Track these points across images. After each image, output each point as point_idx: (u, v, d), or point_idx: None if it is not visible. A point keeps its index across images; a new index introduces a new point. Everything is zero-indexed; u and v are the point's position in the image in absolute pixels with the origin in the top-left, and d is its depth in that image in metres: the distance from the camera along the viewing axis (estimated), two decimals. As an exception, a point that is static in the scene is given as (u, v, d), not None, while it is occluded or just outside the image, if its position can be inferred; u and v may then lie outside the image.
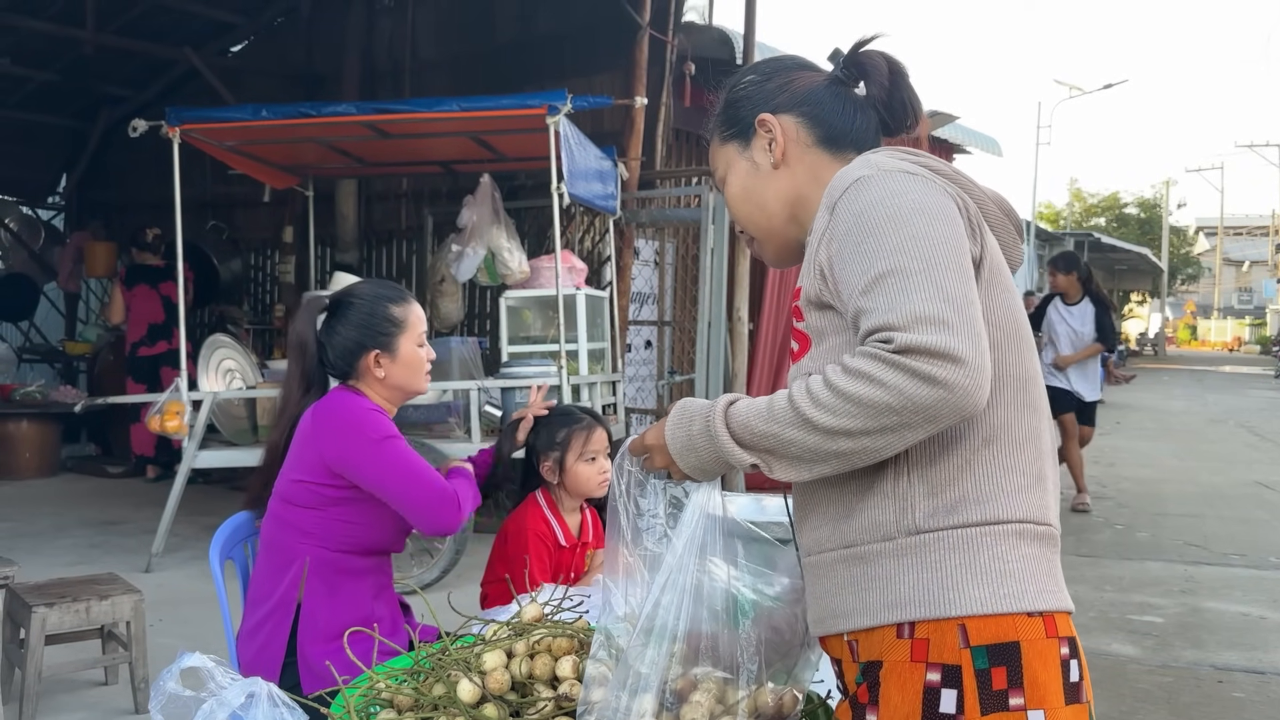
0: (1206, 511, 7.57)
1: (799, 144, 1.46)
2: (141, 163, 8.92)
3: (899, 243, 1.19)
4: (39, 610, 3.33)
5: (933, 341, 1.11)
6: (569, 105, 5.18)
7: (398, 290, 2.43)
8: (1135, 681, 4.05)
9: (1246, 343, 47.70)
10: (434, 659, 1.57)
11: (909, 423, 1.14)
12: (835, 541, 1.30)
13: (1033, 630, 1.21)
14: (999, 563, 1.22)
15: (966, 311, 1.15)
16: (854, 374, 1.15)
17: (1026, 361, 1.32)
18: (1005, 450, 1.26)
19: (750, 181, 1.49)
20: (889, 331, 1.14)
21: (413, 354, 2.37)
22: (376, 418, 2.26)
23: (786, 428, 1.19)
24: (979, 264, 1.28)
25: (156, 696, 1.51)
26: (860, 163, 1.34)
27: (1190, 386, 21.75)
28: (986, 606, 1.20)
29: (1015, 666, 1.20)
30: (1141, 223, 39.75)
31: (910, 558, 1.23)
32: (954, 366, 1.11)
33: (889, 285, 1.17)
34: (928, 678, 1.21)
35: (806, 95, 1.47)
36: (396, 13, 8.40)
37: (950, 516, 1.23)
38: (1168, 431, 13.05)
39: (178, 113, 5.50)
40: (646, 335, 8.01)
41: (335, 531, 2.27)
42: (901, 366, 1.12)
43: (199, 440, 5.45)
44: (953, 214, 1.26)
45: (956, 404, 1.13)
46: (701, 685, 1.34)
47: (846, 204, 1.27)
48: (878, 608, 1.25)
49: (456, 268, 6.26)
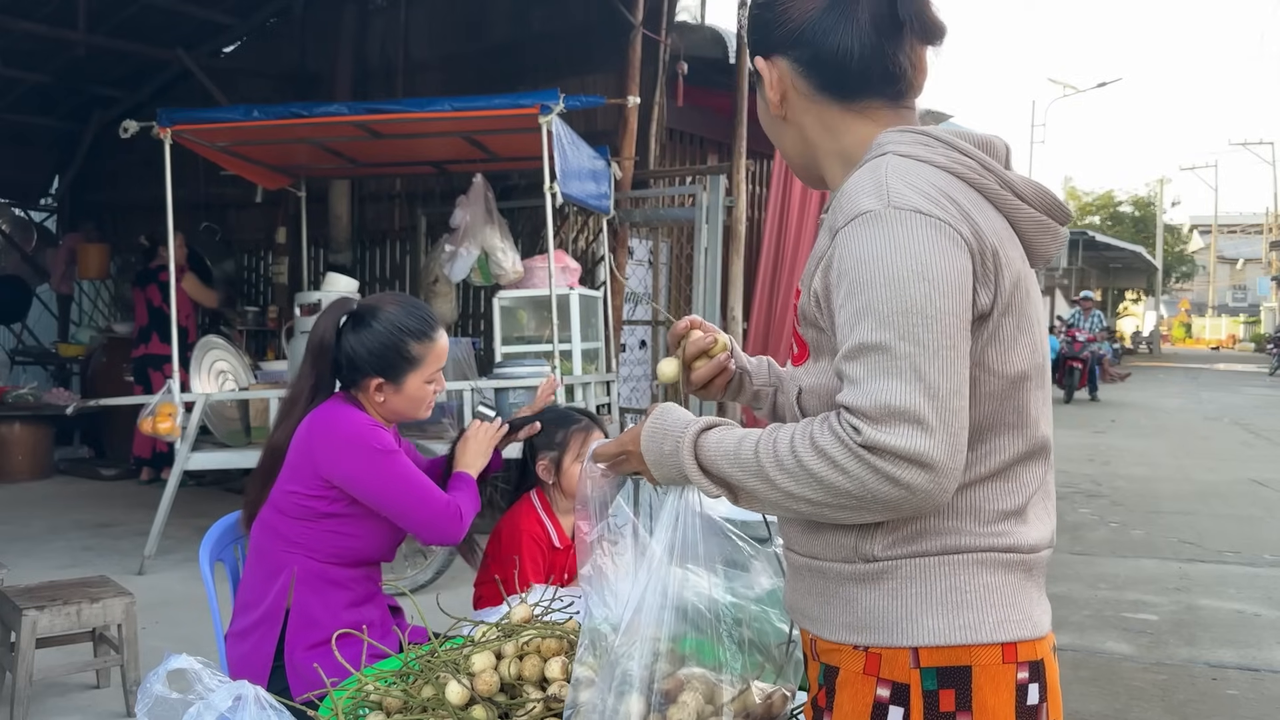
0: (1201, 509, 7.58)
1: (798, 94, 1.30)
2: (134, 164, 8.89)
3: (890, 313, 1.11)
4: (30, 613, 3.31)
5: (902, 445, 1.07)
6: (562, 105, 5.17)
7: (426, 323, 2.31)
8: (1129, 679, 4.06)
9: (1241, 340, 47.76)
10: (423, 661, 1.56)
11: (867, 508, 1.12)
12: (803, 549, 1.29)
13: (987, 656, 1.19)
14: (955, 593, 1.20)
15: (947, 406, 1.09)
16: (819, 453, 1.11)
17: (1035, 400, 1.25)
18: (982, 489, 1.22)
19: (766, 119, 1.38)
20: (860, 419, 1.09)
21: (418, 390, 2.31)
22: (374, 432, 2.24)
23: (750, 477, 1.17)
24: (988, 314, 1.18)
25: (143, 699, 1.50)
26: (872, 183, 1.18)
27: (1185, 384, 21.78)
28: (939, 638, 1.19)
29: (965, 690, 1.18)
30: (1136, 221, 39.79)
31: (870, 584, 1.22)
32: (920, 471, 1.08)
33: (871, 361, 1.11)
34: (878, 693, 1.20)
35: (803, 30, 1.26)
36: (389, 13, 8.39)
37: (909, 545, 1.21)
38: (1162, 429, 13.06)
39: (169, 114, 5.49)
40: (641, 335, 8.00)
41: (324, 543, 2.25)
42: (865, 462, 1.08)
43: (191, 442, 5.44)
44: (957, 278, 1.13)
45: (917, 504, 1.10)
46: (689, 685, 1.33)
47: (847, 241, 1.17)
48: (836, 625, 1.24)
49: (450, 268, 6.25)
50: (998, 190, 1.22)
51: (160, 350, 7.26)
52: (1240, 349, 44.65)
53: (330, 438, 2.21)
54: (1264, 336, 38.39)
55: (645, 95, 6.87)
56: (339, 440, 2.20)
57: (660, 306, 7.70)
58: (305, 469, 2.22)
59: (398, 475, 2.20)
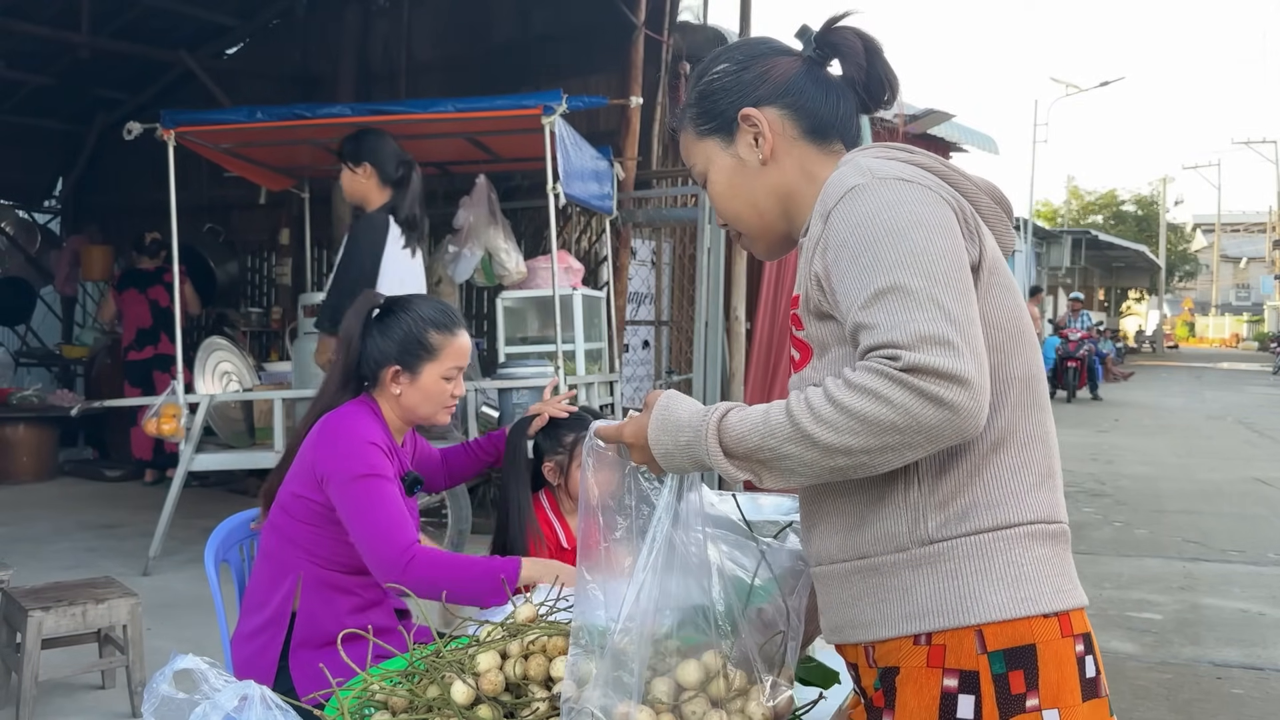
0: (1205, 508, 7.57)
1: (785, 137, 1.41)
2: (138, 166, 8.90)
3: (898, 257, 1.16)
4: (35, 614, 3.32)
5: (940, 363, 1.09)
6: (564, 105, 5.17)
7: (449, 317, 2.34)
8: (1134, 679, 4.05)
9: (1244, 339, 47.70)
10: (428, 661, 1.56)
11: (910, 442, 1.12)
12: (847, 553, 1.29)
13: (1048, 631, 1.22)
14: (1014, 567, 1.22)
15: (969, 331, 1.14)
16: (859, 390, 1.11)
17: (1030, 360, 1.30)
18: (1014, 452, 1.26)
19: (737, 179, 1.44)
20: (894, 349, 1.11)
21: (435, 384, 2.30)
22: (368, 453, 2.18)
23: (784, 443, 1.16)
24: (978, 267, 1.26)
25: (149, 699, 1.50)
26: (853, 169, 1.29)
27: (1188, 383, 21.76)
28: (1004, 612, 1.20)
29: (1032, 668, 1.20)
30: (1139, 220, 39.75)
31: (926, 568, 1.23)
32: (960, 389, 1.10)
33: (890, 302, 1.14)
34: (945, 683, 1.21)
35: (788, 85, 1.41)
36: (392, 14, 8.39)
37: (962, 524, 1.23)
38: (1166, 428, 13.05)
39: (173, 115, 5.49)
40: (644, 335, 8.00)
41: (329, 549, 2.24)
42: (909, 385, 1.09)
43: (195, 443, 5.45)
44: (951, 224, 1.23)
45: (960, 425, 1.11)
46: (688, 683, 1.33)
47: (841, 214, 1.24)
48: (896, 619, 1.24)
49: (453, 269, 6.25)
50: (959, 179, 1.34)
51: (168, 351, 7.29)
52: (1244, 348, 44.58)
53: (329, 445, 2.20)
54: (1268, 335, 38.32)
55: (648, 96, 6.88)
56: (334, 450, 2.19)
57: (663, 307, 7.70)
58: (307, 470, 2.23)
59: (365, 504, 2.12)
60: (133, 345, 7.84)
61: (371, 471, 2.16)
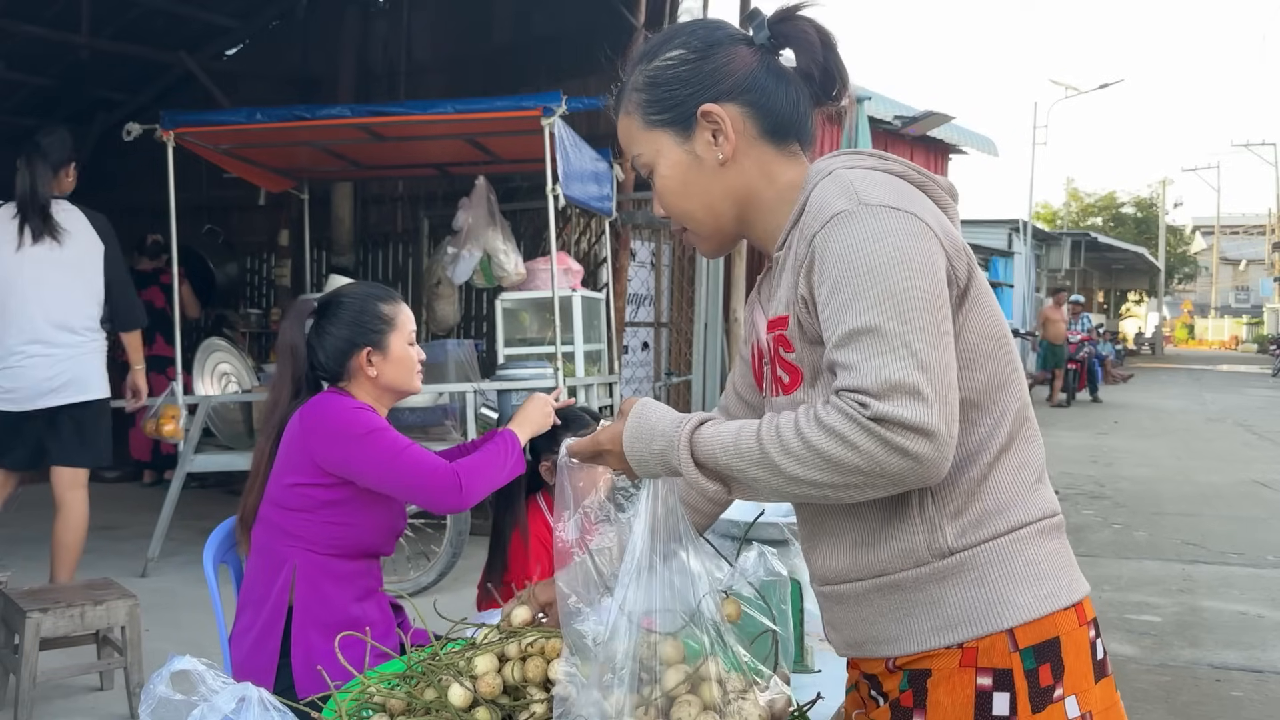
0: (1204, 510, 7.57)
1: (745, 136, 1.35)
2: (137, 167, 8.89)
3: (876, 297, 1.16)
4: (33, 615, 3.32)
5: (907, 415, 1.10)
6: (564, 107, 5.17)
7: (386, 290, 2.45)
8: (1133, 681, 4.05)
9: (1244, 341, 47.73)
10: (426, 663, 1.56)
11: (874, 484, 1.14)
12: (862, 571, 1.29)
13: (1069, 623, 1.26)
14: (1033, 565, 1.25)
15: (941, 378, 1.14)
16: (827, 430, 1.13)
17: (1015, 359, 1.32)
18: (1016, 454, 1.28)
19: (692, 176, 1.37)
20: (864, 396, 1.12)
21: (404, 352, 2.38)
22: (362, 414, 2.26)
23: (751, 466, 1.18)
24: (967, 287, 1.26)
25: (147, 701, 1.50)
26: (839, 189, 1.25)
27: (1188, 385, 21.77)
28: (1033, 611, 1.23)
29: (1057, 660, 1.24)
30: (1138, 222, 39.78)
31: (951, 579, 1.24)
32: (925, 440, 1.11)
33: (865, 344, 1.15)
34: (979, 682, 1.23)
35: (749, 80, 1.34)
36: (392, 15, 8.41)
37: (979, 531, 1.24)
38: (1165, 431, 13.05)
39: (172, 116, 5.50)
40: (643, 337, 8.00)
41: (324, 534, 2.26)
42: (875, 435, 1.11)
43: (194, 444, 5.44)
44: (933, 259, 1.21)
45: (923, 474, 1.13)
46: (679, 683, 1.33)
47: (825, 241, 1.22)
48: (925, 632, 1.26)
49: (452, 270, 6.26)
50: (932, 186, 1.34)
51: (164, 352, 7.28)
52: (1243, 350, 44.61)
53: (322, 427, 2.23)
54: (1267, 338, 38.34)
55: (648, 97, 6.87)
56: (331, 429, 2.23)
57: (663, 308, 7.71)
58: (301, 460, 2.24)
59: (390, 452, 2.22)
60: None
61: (373, 426, 2.24)
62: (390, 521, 2.36)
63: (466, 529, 5.03)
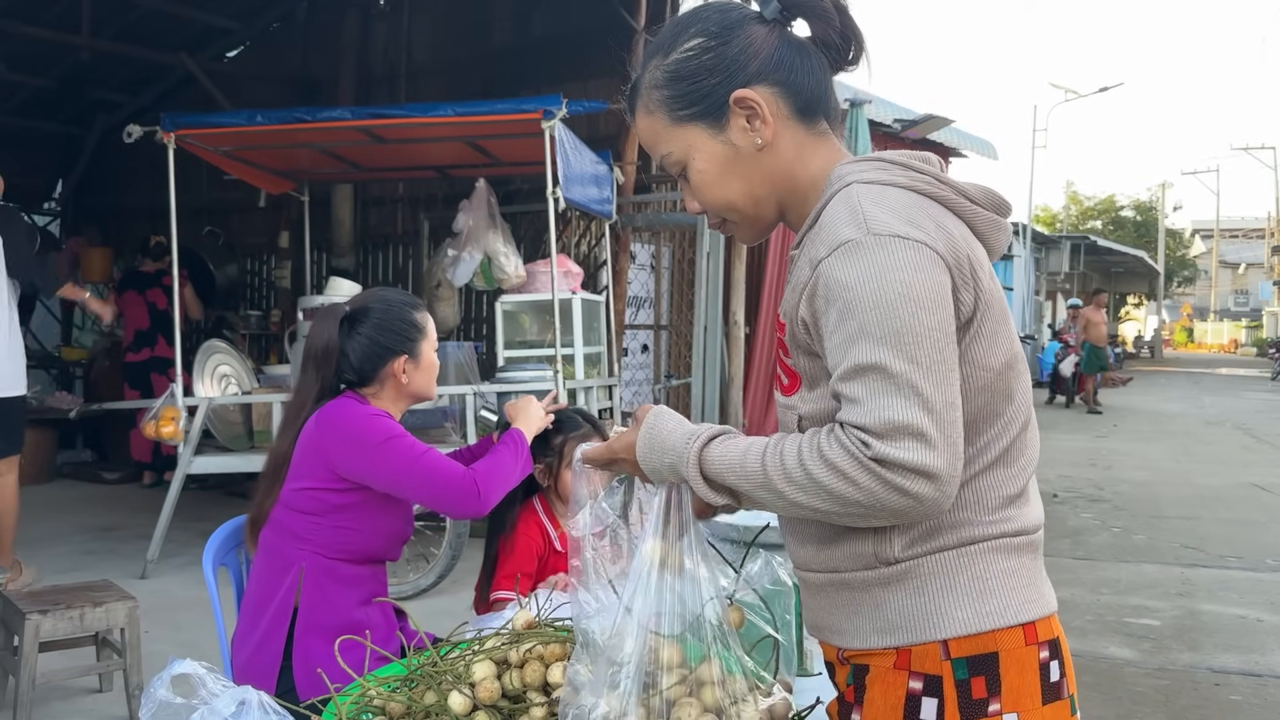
0: (1203, 514, 7.57)
1: (780, 118, 1.31)
2: (137, 169, 8.92)
3: (883, 334, 1.14)
4: (33, 617, 3.32)
5: (909, 458, 1.11)
6: (564, 110, 5.18)
7: (414, 298, 2.50)
8: (1132, 684, 4.05)
9: (1243, 345, 47.75)
10: (426, 668, 1.57)
11: (874, 516, 1.15)
12: (821, 565, 1.31)
13: (1011, 640, 1.24)
14: (978, 582, 1.24)
15: (945, 418, 1.14)
16: (829, 465, 1.14)
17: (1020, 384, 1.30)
18: (987, 478, 1.27)
19: (730, 166, 1.33)
20: (867, 435, 1.12)
21: (431, 359, 2.43)
22: (379, 420, 2.28)
23: (756, 488, 1.20)
24: (972, 317, 1.23)
25: (147, 704, 1.50)
26: (849, 213, 1.21)
27: (1187, 389, 21.77)
28: (969, 627, 1.23)
29: (994, 675, 1.22)
30: (1138, 225, 39.82)
31: (895, 585, 1.25)
32: (926, 482, 1.11)
33: (870, 381, 1.14)
34: (910, 685, 1.24)
35: (775, 58, 1.30)
36: (392, 18, 8.41)
37: (926, 544, 1.24)
38: (1164, 434, 13.06)
39: (173, 118, 5.50)
40: (643, 339, 8.01)
41: (333, 538, 2.27)
42: (875, 474, 1.11)
43: (194, 446, 5.44)
44: (941, 292, 1.18)
45: (923, 512, 1.14)
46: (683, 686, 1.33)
47: (830, 269, 1.19)
48: (867, 631, 1.27)
49: (453, 272, 6.26)
50: (955, 199, 1.28)
51: (165, 354, 7.29)
52: (1242, 353, 44.62)
53: (339, 433, 2.25)
54: (1266, 341, 38.36)
55: (648, 100, 6.87)
56: (348, 434, 2.24)
57: (662, 311, 7.71)
58: (317, 464, 2.26)
59: (409, 458, 2.24)
60: (130, 347, 7.86)
61: (392, 433, 2.26)
62: (399, 528, 2.38)
63: (466, 531, 5.03)
